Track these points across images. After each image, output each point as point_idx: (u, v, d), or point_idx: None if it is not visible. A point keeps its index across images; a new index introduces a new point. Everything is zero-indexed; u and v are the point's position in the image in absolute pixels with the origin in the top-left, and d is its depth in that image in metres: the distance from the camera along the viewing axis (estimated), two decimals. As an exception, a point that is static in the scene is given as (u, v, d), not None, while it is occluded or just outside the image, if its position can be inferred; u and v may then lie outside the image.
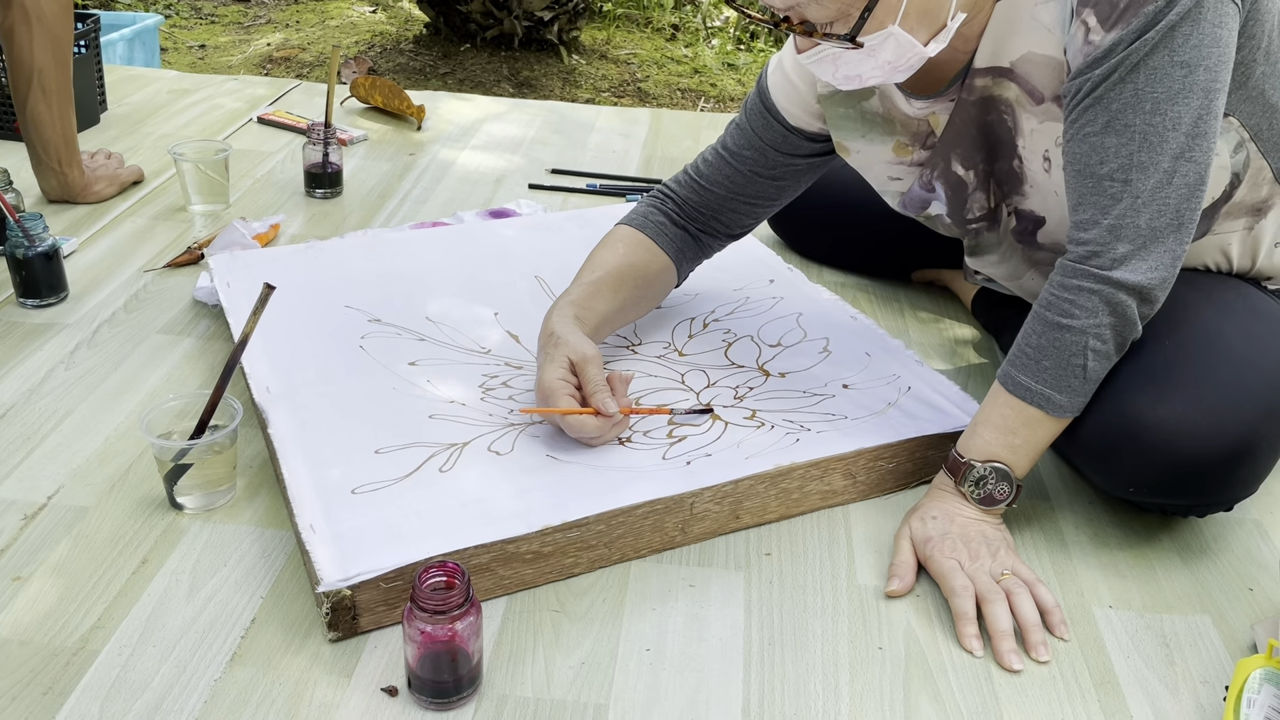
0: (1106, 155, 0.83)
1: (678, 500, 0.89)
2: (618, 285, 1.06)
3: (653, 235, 1.11)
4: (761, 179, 1.10)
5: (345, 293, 1.19)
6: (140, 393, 1.09)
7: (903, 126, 1.02)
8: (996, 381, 0.89)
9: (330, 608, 0.78)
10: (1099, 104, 0.83)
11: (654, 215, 1.12)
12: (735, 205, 1.11)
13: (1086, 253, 0.85)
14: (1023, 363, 0.87)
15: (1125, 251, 0.84)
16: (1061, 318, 0.85)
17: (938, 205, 1.06)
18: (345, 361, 1.07)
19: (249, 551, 0.88)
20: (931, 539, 0.88)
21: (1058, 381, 0.86)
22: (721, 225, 1.13)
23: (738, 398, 1.04)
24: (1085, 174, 0.85)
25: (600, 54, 3.72)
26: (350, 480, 0.89)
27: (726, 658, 0.80)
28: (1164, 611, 0.87)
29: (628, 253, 1.09)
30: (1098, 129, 0.83)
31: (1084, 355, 0.86)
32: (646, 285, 1.09)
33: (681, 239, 1.12)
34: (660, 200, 1.14)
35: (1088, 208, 0.85)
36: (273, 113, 1.89)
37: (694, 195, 1.12)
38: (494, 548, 0.82)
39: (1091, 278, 0.84)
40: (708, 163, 1.12)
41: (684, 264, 1.14)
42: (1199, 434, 0.84)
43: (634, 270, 1.08)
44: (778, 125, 1.07)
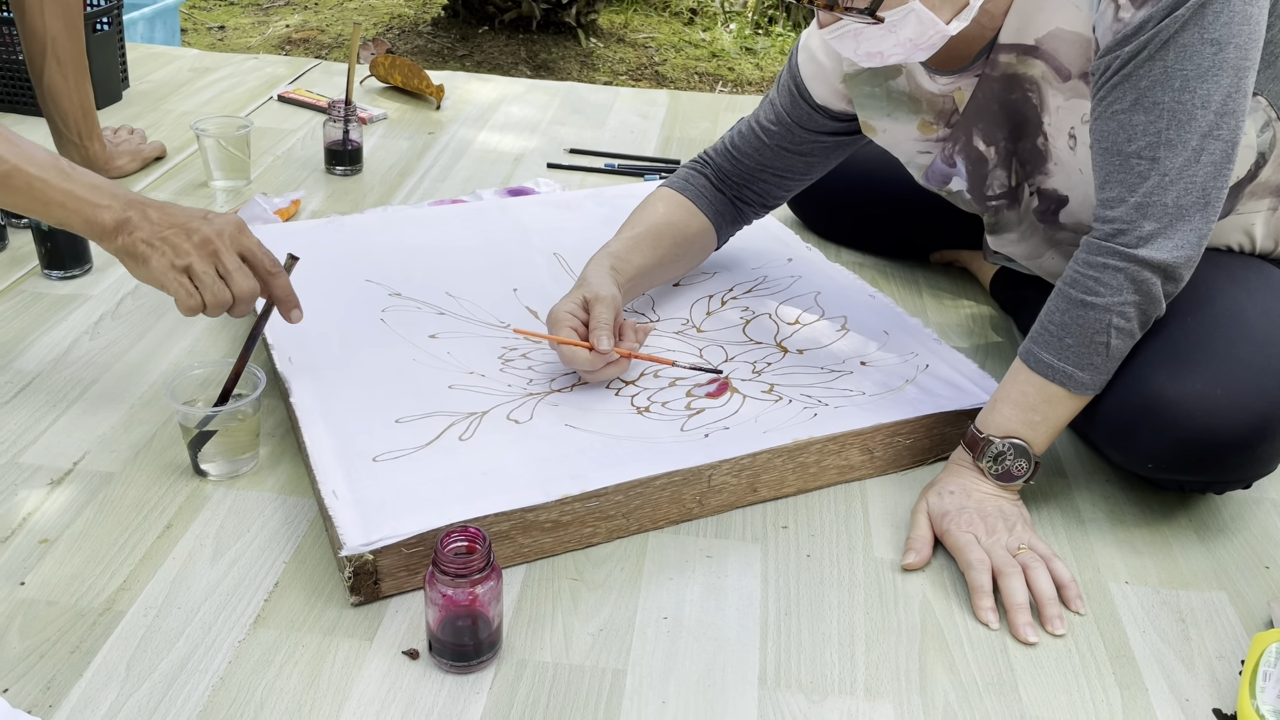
0: (1134, 133, 0.83)
1: (695, 472, 0.89)
2: (656, 241, 1.10)
3: (692, 197, 1.14)
4: (789, 154, 1.12)
5: (366, 267, 1.20)
6: (164, 363, 1.10)
7: (928, 105, 1.02)
8: (1018, 358, 0.89)
9: (353, 572, 0.79)
10: (1127, 81, 0.83)
11: (694, 179, 1.16)
12: (765, 177, 1.14)
13: (1112, 230, 0.85)
14: (1045, 340, 0.87)
15: (1151, 229, 0.83)
16: (1086, 295, 0.85)
17: (958, 180, 1.06)
18: (366, 334, 1.07)
19: (272, 518, 0.89)
20: (949, 513, 0.88)
21: (1080, 359, 0.86)
22: (754, 195, 1.16)
23: (756, 372, 1.04)
24: (1112, 151, 0.85)
25: (618, 37, 3.71)
26: (371, 448, 0.90)
27: (743, 627, 0.81)
28: (1180, 588, 0.87)
29: (667, 212, 1.12)
30: (1126, 106, 0.83)
31: (1107, 333, 0.85)
32: (686, 244, 1.13)
33: (720, 203, 1.16)
34: (700, 165, 1.17)
35: (1114, 185, 0.85)
36: (293, 91, 1.90)
37: (728, 164, 1.15)
38: (513, 516, 0.83)
39: (1117, 255, 0.84)
40: (742, 135, 1.15)
41: (723, 227, 1.17)
42: (1219, 411, 0.84)
43: (672, 228, 1.11)
44: (804, 103, 1.09)
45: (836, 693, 0.75)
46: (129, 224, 0.89)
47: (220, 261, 0.89)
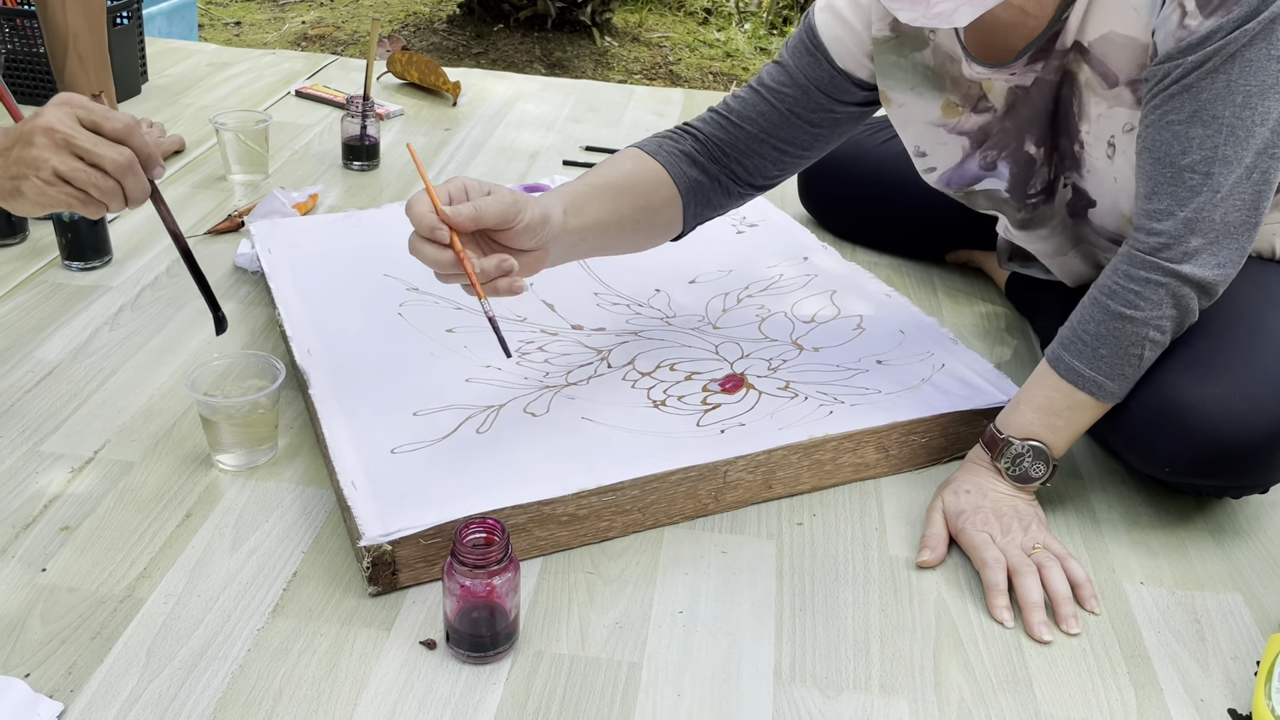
0: (1190, 145, 0.82)
1: (711, 468, 0.90)
2: (617, 196, 0.96)
3: (665, 163, 1.00)
4: (799, 121, 1.03)
5: (384, 261, 1.21)
6: (183, 354, 1.11)
7: (953, 84, 0.99)
8: (1045, 363, 0.89)
9: (371, 562, 0.79)
10: (1187, 92, 0.81)
11: (669, 145, 1.02)
12: (764, 149, 1.03)
13: (1158, 244, 0.83)
14: (1078, 348, 0.87)
15: (1198, 245, 0.83)
16: (1125, 308, 0.85)
17: (994, 182, 1.03)
18: (384, 327, 1.08)
19: (290, 508, 0.90)
20: (964, 512, 0.88)
21: (1112, 369, 0.86)
22: (744, 171, 1.04)
23: (771, 369, 1.04)
24: (1164, 162, 0.83)
25: (633, 36, 3.72)
26: (389, 440, 0.90)
27: (758, 622, 0.81)
28: (1195, 589, 0.87)
29: (636, 170, 0.99)
30: (1183, 118, 0.82)
31: (1142, 346, 0.85)
32: (649, 212, 0.99)
33: (696, 178, 1.02)
34: (678, 136, 1.04)
35: (1163, 197, 0.83)
36: (310, 86, 1.91)
37: (720, 133, 1.03)
38: (530, 509, 0.84)
39: (1161, 270, 0.83)
40: (740, 99, 1.04)
41: (693, 205, 1.03)
42: (1238, 416, 0.84)
43: (636, 189, 0.97)
44: (826, 65, 1.01)
45: (851, 688, 0.76)
46: None
47: (74, 146, 0.80)
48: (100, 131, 0.82)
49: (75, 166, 0.81)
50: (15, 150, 0.81)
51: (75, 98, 0.83)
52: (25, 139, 0.81)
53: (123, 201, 0.83)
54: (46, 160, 0.80)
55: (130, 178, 0.83)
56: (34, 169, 0.81)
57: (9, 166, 0.82)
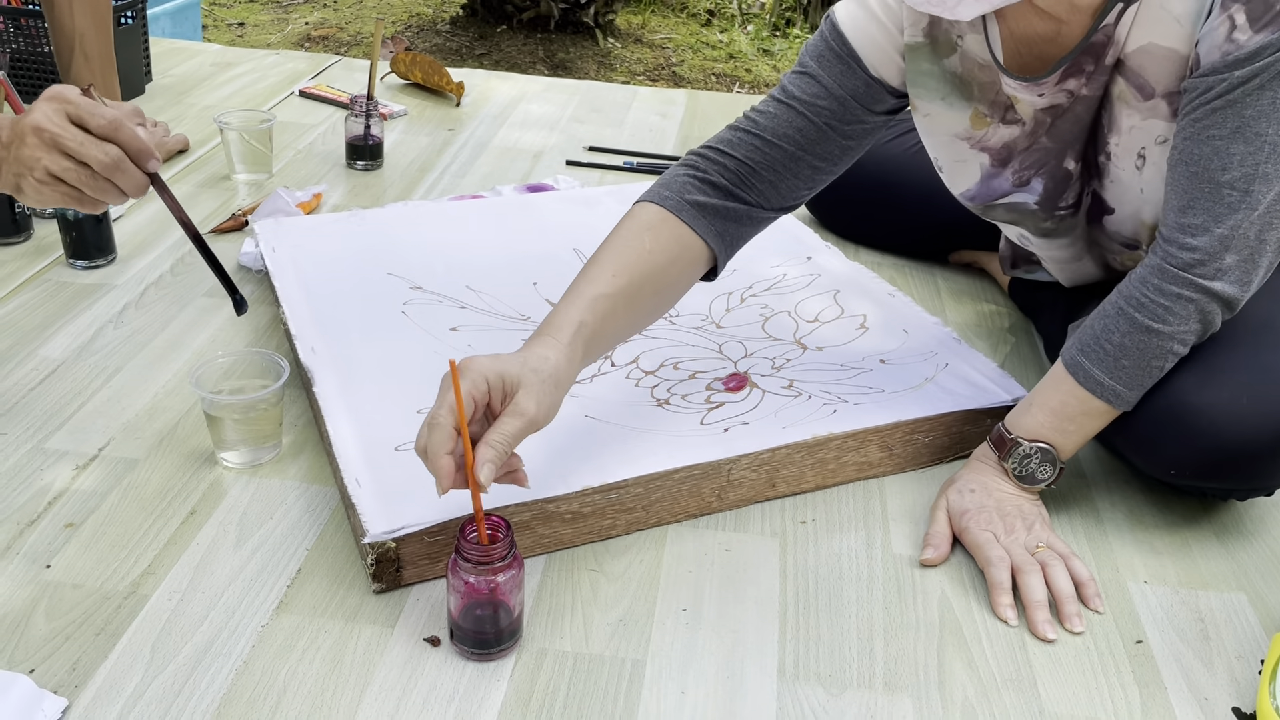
0: (1230, 162, 0.81)
1: (715, 466, 0.90)
2: (636, 295, 0.88)
3: (691, 224, 0.92)
4: (834, 135, 0.96)
5: (388, 260, 1.21)
6: (187, 352, 1.11)
7: (980, 92, 0.98)
8: (1062, 367, 0.88)
9: (375, 559, 0.80)
10: (1231, 107, 0.80)
11: (692, 192, 0.94)
12: (800, 168, 0.96)
13: (1192, 260, 0.83)
14: (1099, 357, 0.86)
15: (1232, 263, 0.82)
16: (1153, 321, 0.84)
17: (1023, 196, 1.01)
18: (388, 326, 1.08)
19: (294, 506, 0.90)
20: (968, 511, 0.88)
21: (1132, 380, 0.86)
22: (777, 194, 0.97)
23: (775, 368, 1.04)
24: (1202, 177, 0.82)
25: (635, 38, 3.72)
26: (393, 438, 0.90)
27: (762, 620, 0.81)
28: (1199, 588, 0.87)
29: (656, 249, 0.89)
30: (1226, 133, 0.81)
31: (1165, 358, 0.85)
32: (673, 289, 0.93)
33: (724, 221, 0.95)
34: (701, 170, 0.95)
35: (1199, 213, 0.83)
36: (314, 86, 1.91)
37: (755, 155, 0.95)
38: (534, 506, 0.84)
39: (1193, 286, 0.83)
40: (771, 115, 0.96)
41: (724, 253, 0.96)
42: (1244, 419, 0.84)
43: (656, 276, 0.90)
44: (860, 72, 0.96)
45: (855, 686, 0.76)
46: None
47: (62, 145, 0.79)
48: (87, 128, 0.81)
49: (66, 166, 0.80)
50: (13, 148, 0.81)
51: (64, 91, 0.82)
52: (20, 137, 0.81)
53: (120, 196, 0.83)
54: (39, 160, 0.80)
55: (120, 175, 0.82)
56: (29, 169, 0.81)
57: (10, 164, 0.82)
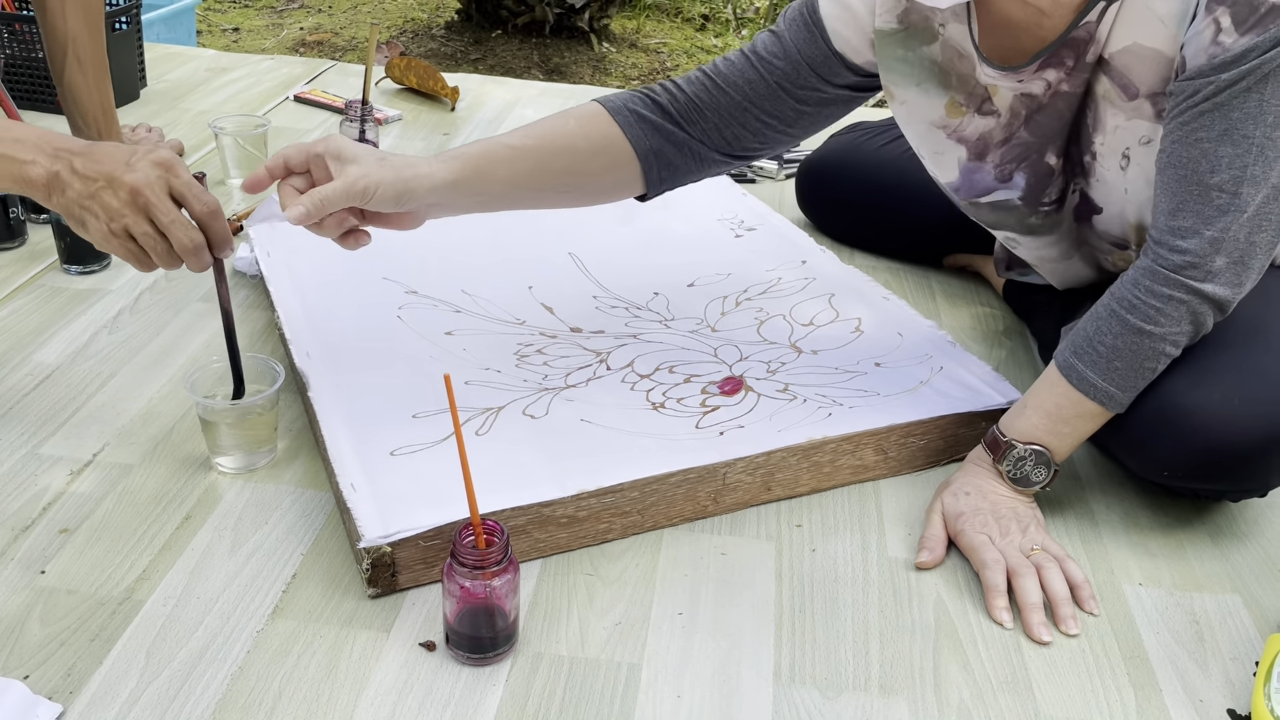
0: (1219, 164, 0.81)
1: (710, 470, 0.90)
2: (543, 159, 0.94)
3: (623, 126, 0.98)
4: (785, 96, 1.00)
5: (383, 265, 1.21)
6: (182, 357, 1.11)
7: (960, 82, 0.98)
8: (1056, 370, 0.89)
9: (371, 564, 0.79)
10: (1219, 110, 0.80)
11: (638, 105, 0.99)
12: (747, 118, 1.00)
13: (1184, 263, 0.83)
14: (1092, 359, 0.86)
15: (1222, 265, 0.83)
16: (1145, 323, 0.84)
17: (1007, 193, 1.02)
18: (383, 330, 1.08)
19: (289, 510, 0.90)
20: (963, 514, 0.88)
21: (1125, 381, 0.86)
22: (722, 138, 1.01)
23: (770, 371, 1.04)
24: (1191, 180, 0.82)
25: (630, 42, 3.73)
26: (389, 443, 0.90)
27: (758, 623, 0.81)
28: (1194, 590, 0.87)
29: (576, 131, 0.96)
30: (1214, 136, 0.81)
31: (1158, 360, 0.85)
32: (583, 175, 0.97)
33: (658, 145, 0.99)
34: (654, 93, 1.01)
35: (1189, 215, 0.83)
36: (308, 91, 1.91)
37: (704, 94, 1.00)
38: (530, 510, 0.84)
39: (1184, 289, 0.83)
40: (729, 63, 1.01)
41: (656, 170, 1.00)
42: (1235, 420, 0.84)
43: (570, 152, 0.95)
44: (821, 43, 0.99)
45: (851, 689, 0.76)
46: (59, 181, 0.81)
47: (155, 215, 0.81)
48: (185, 205, 0.83)
49: (145, 231, 0.82)
50: (98, 186, 0.81)
51: (174, 163, 0.83)
52: (112, 183, 0.81)
53: (177, 264, 0.84)
54: (122, 215, 0.81)
55: (192, 259, 0.84)
56: (109, 217, 0.81)
57: (85, 190, 0.82)
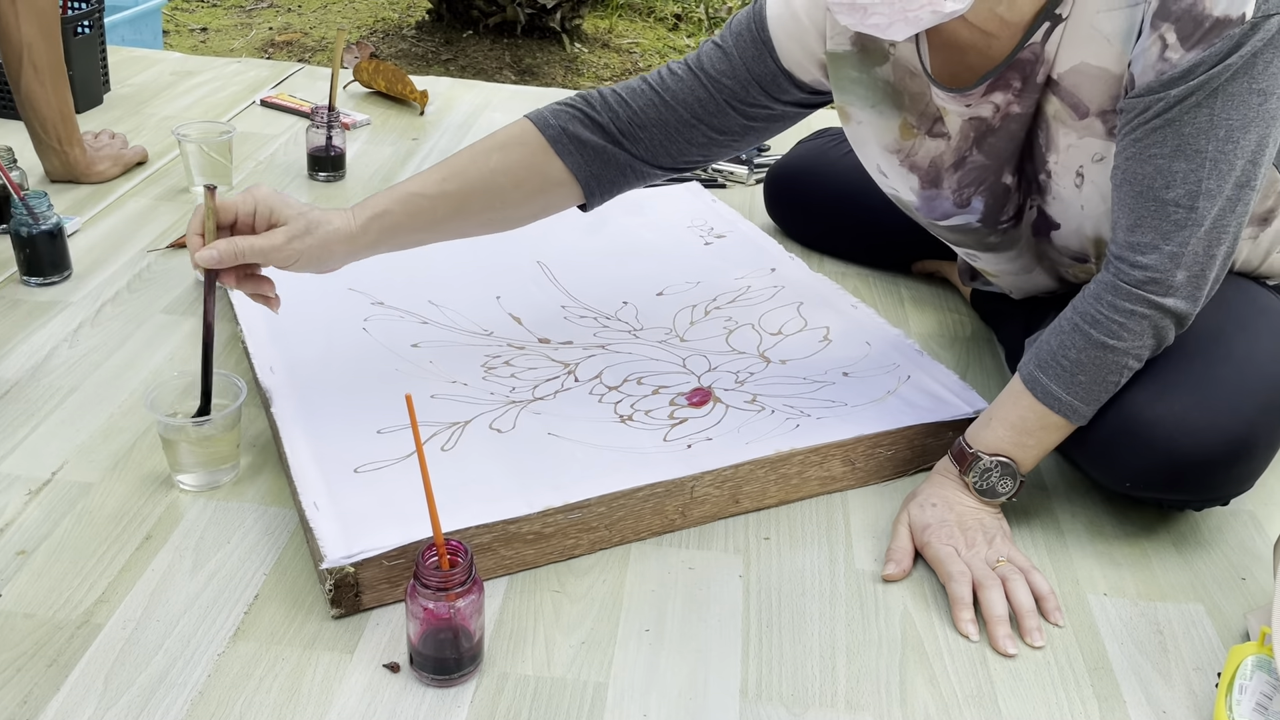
0: (1174, 179, 0.81)
1: (678, 484, 0.89)
2: (464, 200, 0.95)
3: (562, 153, 0.97)
4: (734, 114, 0.99)
5: (349, 276, 1.19)
6: (143, 371, 1.09)
7: (912, 102, 0.98)
8: (1020, 382, 0.89)
9: (334, 585, 0.79)
10: (1170, 126, 0.81)
11: (574, 125, 0.97)
12: (694, 135, 0.99)
13: (1145, 278, 0.83)
14: (1056, 372, 0.87)
15: (1183, 279, 0.83)
16: (1108, 338, 0.85)
17: (966, 217, 1.02)
18: (348, 344, 1.07)
19: (252, 529, 0.89)
20: (930, 526, 0.88)
21: (1088, 395, 0.86)
22: (666, 154, 1.00)
23: (739, 382, 1.04)
24: (1148, 196, 0.83)
25: (603, 43, 3.72)
26: (353, 459, 0.89)
27: (725, 639, 0.81)
28: (1158, 600, 0.88)
29: (502, 167, 0.95)
30: (1167, 152, 0.81)
31: (1120, 373, 0.86)
32: (510, 208, 0.97)
33: (601, 163, 0.98)
34: (593, 109, 0.98)
35: (1147, 230, 0.83)
36: (275, 96, 1.89)
37: (650, 110, 0.98)
38: (495, 528, 0.83)
39: (1146, 304, 0.84)
40: (677, 78, 0.98)
41: (599, 192, 1.00)
42: (1197, 431, 0.85)
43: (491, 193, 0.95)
44: (770, 62, 0.98)
45: (818, 705, 0.76)
46: None
47: None
48: None
49: None
50: None
51: None
52: None
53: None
54: None
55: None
56: None
57: None
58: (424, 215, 0.95)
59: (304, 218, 0.89)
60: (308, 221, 0.89)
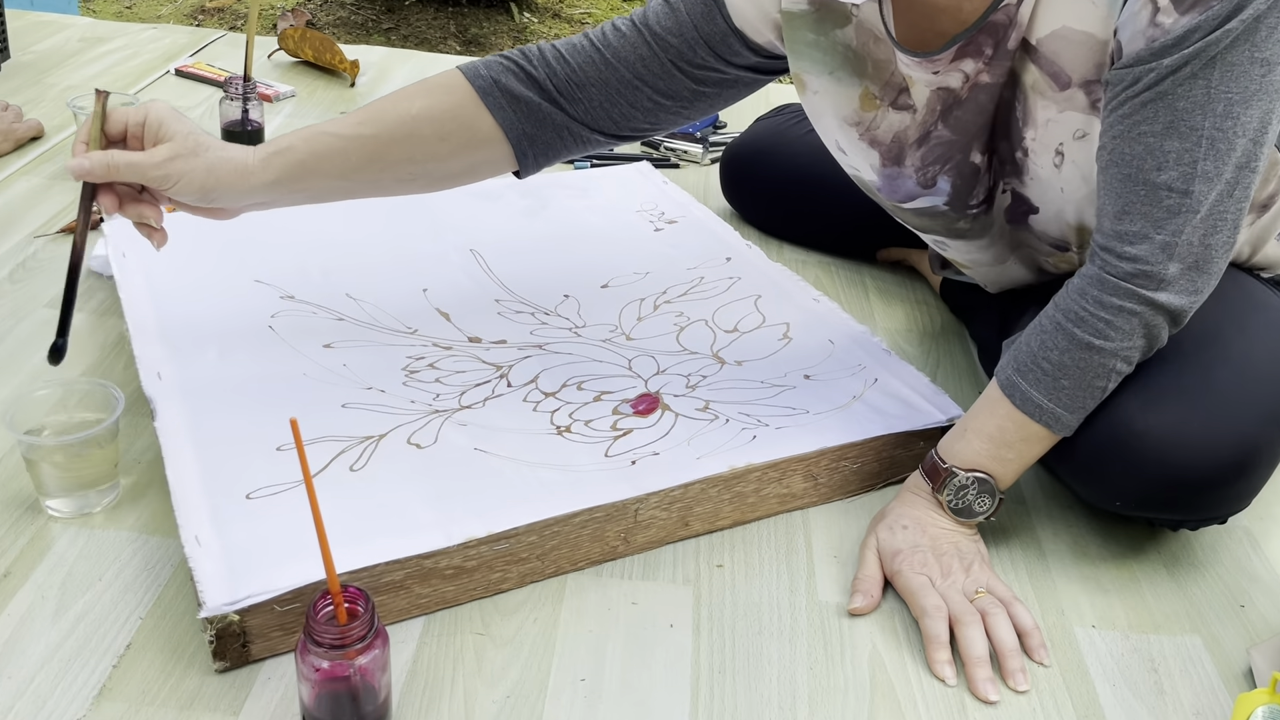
0: (1165, 160, 0.72)
1: (620, 507, 0.79)
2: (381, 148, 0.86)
3: (494, 107, 0.88)
4: (681, 75, 0.90)
5: (255, 265, 1.08)
6: (19, 374, 0.97)
7: (875, 70, 0.89)
8: (997, 389, 0.80)
9: (215, 634, 0.68)
10: (1162, 100, 0.71)
11: (508, 79, 0.88)
12: (638, 97, 0.90)
13: (1134, 270, 0.74)
14: (1037, 377, 0.77)
15: (1176, 272, 0.74)
16: (1094, 338, 0.75)
17: (932, 199, 0.93)
18: (251, 344, 0.95)
19: (130, 563, 0.77)
20: (901, 552, 0.79)
21: (1072, 402, 0.77)
22: (608, 118, 0.91)
23: (690, 386, 0.94)
24: (1136, 179, 0.73)
25: (553, 12, 3.57)
26: (246, 483, 0.78)
27: (671, 687, 0.71)
28: (1151, 631, 0.79)
29: (424, 115, 0.86)
30: (1158, 129, 0.72)
31: (1108, 377, 0.77)
32: (434, 163, 0.88)
33: (536, 123, 0.89)
34: (530, 63, 0.89)
35: (1136, 218, 0.74)
36: (193, 64, 1.75)
37: (590, 69, 0.89)
38: (409, 564, 0.72)
39: (1135, 299, 0.74)
40: (620, 34, 0.90)
41: (533, 156, 0.91)
42: (1194, 445, 0.76)
43: (413, 140, 0.86)
44: (721, 21, 0.89)
45: (776, 768, 0.66)
46: None
47: None
48: None
49: None
50: None
51: None
52: None
53: None
54: None
55: None
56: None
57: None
58: (334, 159, 0.86)
59: (193, 138, 0.81)
60: (196, 142, 0.81)
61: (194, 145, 0.81)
